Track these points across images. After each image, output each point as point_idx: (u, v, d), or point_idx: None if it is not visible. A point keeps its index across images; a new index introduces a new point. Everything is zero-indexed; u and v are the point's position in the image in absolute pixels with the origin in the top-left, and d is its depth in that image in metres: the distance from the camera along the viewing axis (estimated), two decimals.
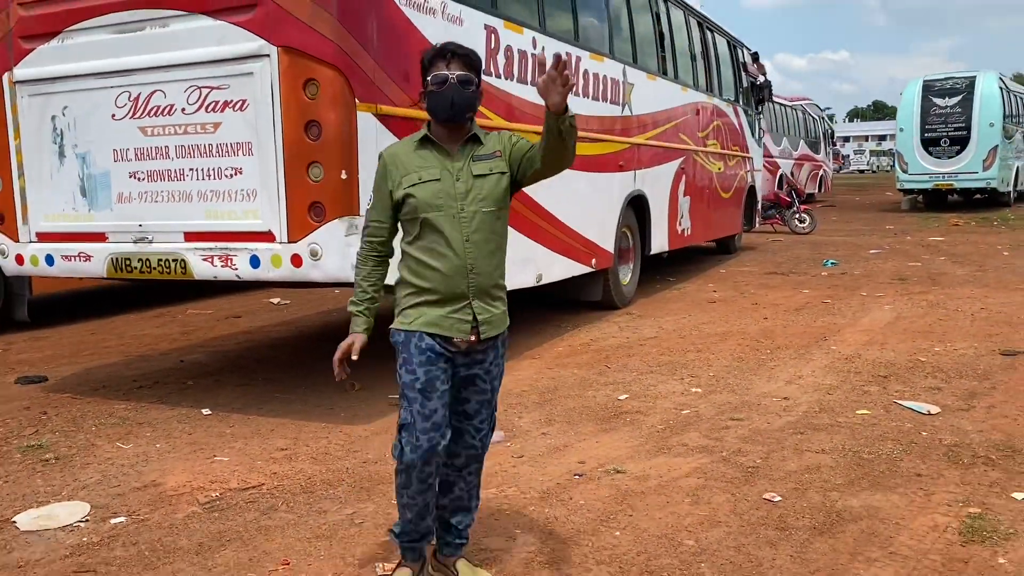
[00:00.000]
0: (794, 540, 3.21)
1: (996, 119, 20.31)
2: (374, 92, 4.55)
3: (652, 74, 8.70)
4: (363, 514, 3.52)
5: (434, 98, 2.61)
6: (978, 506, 3.46)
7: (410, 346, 2.63)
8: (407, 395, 2.63)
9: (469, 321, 2.63)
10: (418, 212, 2.60)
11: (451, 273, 2.60)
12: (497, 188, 2.66)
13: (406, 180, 2.62)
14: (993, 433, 4.35)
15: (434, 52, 2.65)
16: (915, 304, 8.17)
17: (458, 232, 2.59)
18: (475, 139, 2.69)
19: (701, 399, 5.13)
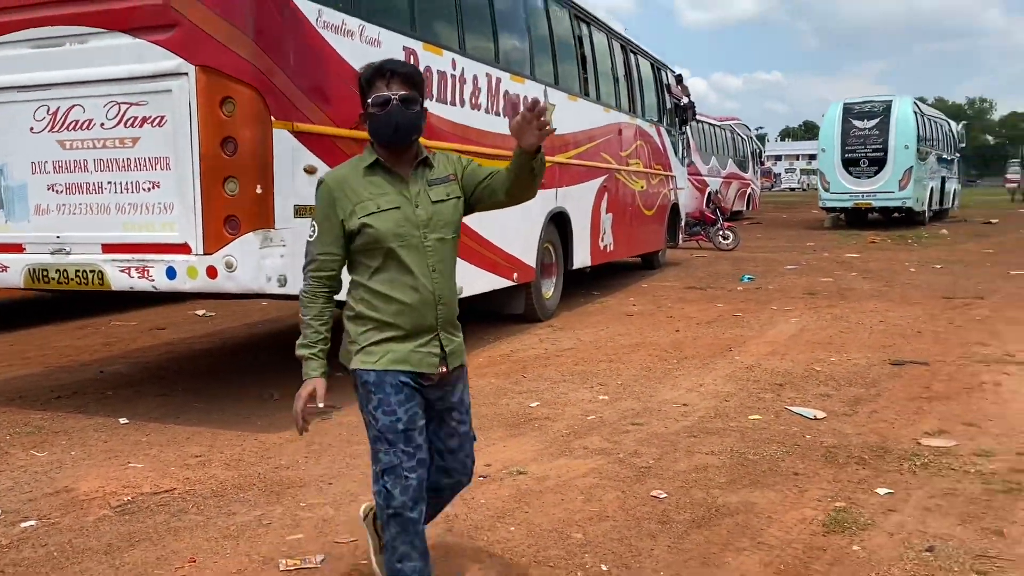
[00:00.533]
0: (673, 532, 3.47)
1: (911, 141, 21.30)
2: (290, 110, 4.72)
3: (574, 95, 9.02)
4: (271, 516, 3.67)
5: (376, 121, 2.44)
6: (844, 501, 3.77)
7: (385, 386, 2.47)
8: (387, 438, 2.47)
9: (438, 353, 2.52)
10: (380, 243, 2.43)
11: (419, 306, 2.46)
12: (455, 214, 2.55)
13: (360, 209, 2.43)
14: (870, 436, 4.70)
15: (372, 71, 2.47)
16: (820, 317, 8.61)
17: (423, 262, 2.46)
18: (425, 162, 2.55)
19: (607, 406, 5.39)
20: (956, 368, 6.25)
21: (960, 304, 9.30)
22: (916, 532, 3.42)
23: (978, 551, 3.23)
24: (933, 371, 6.17)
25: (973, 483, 3.95)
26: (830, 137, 22.25)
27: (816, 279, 11.89)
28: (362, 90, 2.49)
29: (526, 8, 8.03)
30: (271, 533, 3.49)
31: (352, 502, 3.82)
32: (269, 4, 4.58)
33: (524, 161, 2.45)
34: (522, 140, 2.41)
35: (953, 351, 6.84)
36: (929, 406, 5.26)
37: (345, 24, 5.15)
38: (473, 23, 6.98)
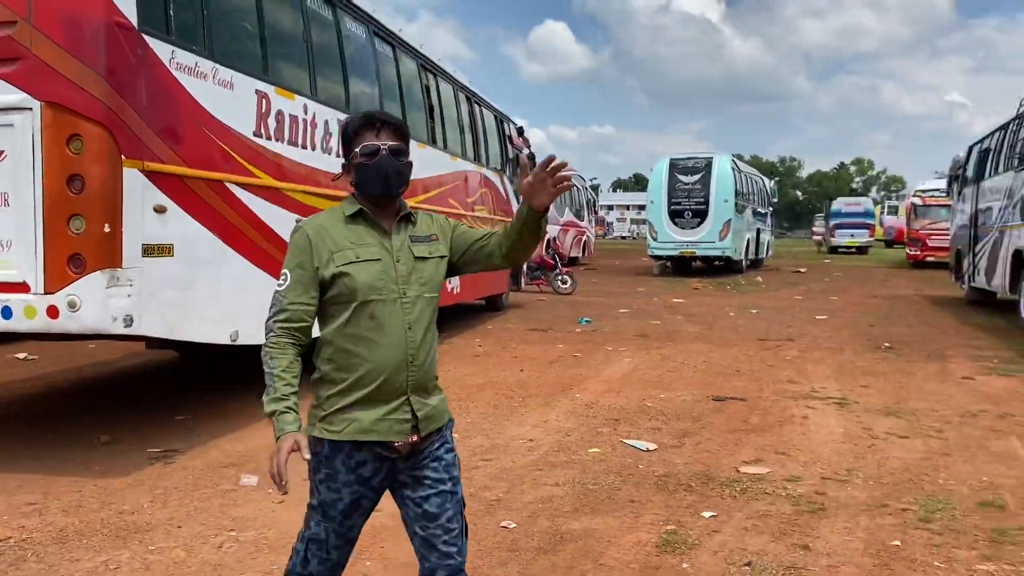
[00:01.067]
0: (522, 559, 3.69)
1: (730, 196, 23.05)
2: (141, 149, 4.68)
3: (422, 143, 9.29)
4: (119, 560, 3.59)
5: (364, 171, 2.35)
6: (674, 524, 4.13)
7: (335, 463, 2.33)
8: (325, 511, 2.37)
9: (408, 420, 2.33)
10: (355, 296, 2.30)
11: (387, 366, 2.30)
12: (437, 273, 2.43)
13: (339, 257, 2.31)
14: (696, 465, 5.14)
15: (361, 122, 2.40)
16: (651, 357, 9.21)
17: (399, 319, 2.32)
18: (408, 217, 2.44)
19: (458, 443, 5.51)
20: (770, 403, 6.89)
21: (773, 346, 10.20)
22: (736, 549, 3.81)
23: (788, 564, 3.65)
24: (750, 406, 6.78)
25: (784, 505, 4.42)
26: (658, 190, 23.68)
27: (647, 322, 12.63)
28: (346, 140, 2.40)
29: (376, 57, 8.25)
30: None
31: (203, 544, 3.80)
32: (122, 43, 4.55)
33: (531, 221, 2.36)
34: (535, 199, 2.31)
35: (767, 388, 7.53)
36: (747, 437, 5.79)
37: (198, 66, 5.17)
38: (324, 69, 7.12)
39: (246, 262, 5.80)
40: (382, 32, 8.43)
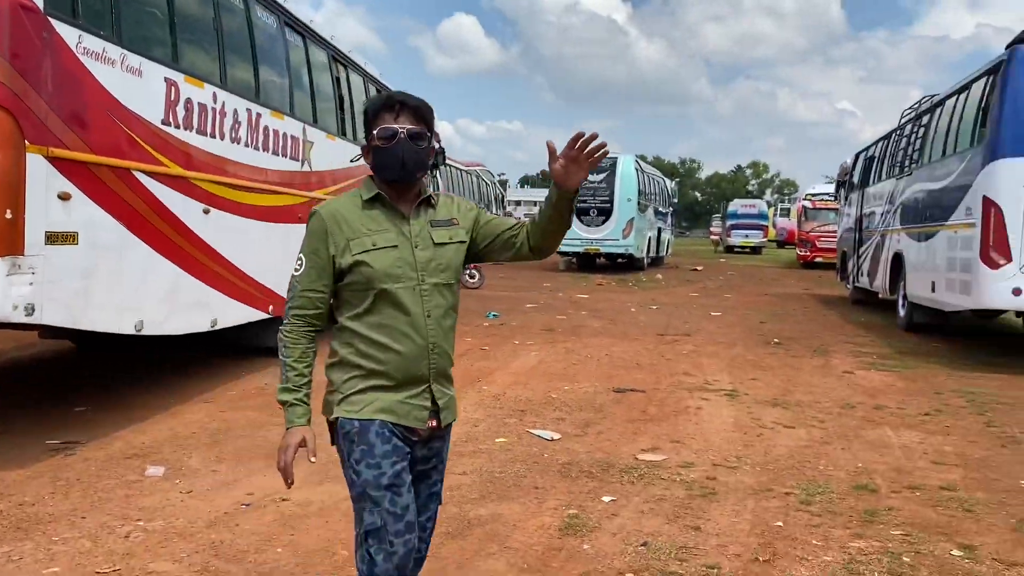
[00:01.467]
0: (432, 544, 3.81)
1: (633, 195, 23.66)
2: (45, 135, 4.58)
3: (332, 134, 9.27)
4: (21, 551, 3.55)
5: (381, 155, 2.32)
6: (576, 508, 4.34)
7: (369, 436, 2.27)
8: (370, 495, 2.26)
9: (428, 407, 2.35)
10: (373, 283, 2.26)
11: (411, 354, 2.29)
12: (457, 258, 2.39)
13: (356, 244, 2.28)
14: (597, 453, 5.38)
15: (380, 103, 2.35)
16: (556, 351, 9.47)
17: (419, 306, 2.29)
18: (428, 201, 2.40)
19: None
20: (667, 395, 7.23)
21: (671, 340, 10.62)
22: (633, 531, 4.04)
23: (681, 544, 3.90)
24: (649, 397, 7.09)
25: (678, 489, 4.70)
26: None
27: (553, 317, 12.92)
28: (367, 121, 2.36)
29: (287, 47, 8.20)
30: (23, 569, 3.39)
31: (110, 534, 3.79)
32: (27, 26, 4.44)
33: (563, 203, 2.33)
34: (569, 179, 2.27)
35: (665, 380, 7.88)
36: (645, 427, 6.08)
37: (106, 52, 5.07)
38: (235, 58, 7.04)
39: (152, 251, 5.72)
40: (293, 22, 8.38)
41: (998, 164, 8.78)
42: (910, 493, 4.73)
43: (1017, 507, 4.54)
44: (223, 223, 6.73)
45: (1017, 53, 8.88)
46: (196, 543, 3.72)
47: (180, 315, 6.26)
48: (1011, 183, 8.66)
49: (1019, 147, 8.66)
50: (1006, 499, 4.67)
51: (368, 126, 2.36)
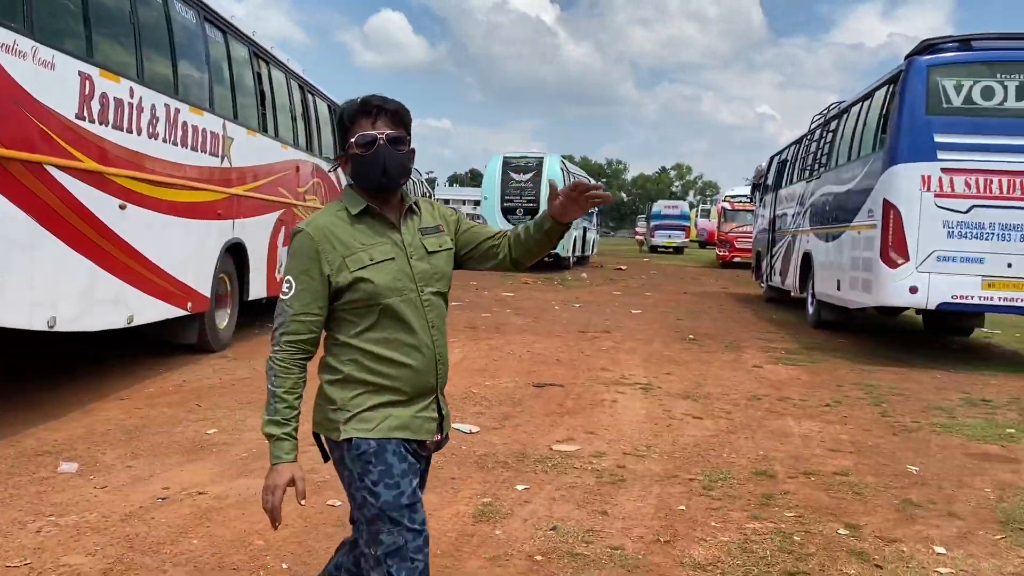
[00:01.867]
0: (347, 532, 3.91)
1: None
2: None
3: (252, 130, 9.22)
4: None
5: (361, 163, 2.22)
6: (491, 497, 4.49)
7: (387, 455, 2.20)
8: (390, 516, 2.19)
9: (436, 418, 2.31)
10: (377, 299, 2.18)
11: (422, 367, 2.25)
12: (448, 266, 2.37)
13: (352, 261, 2.19)
14: (514, 445, 5.54)
15: (356, 109, 2.25)
16: (479, 348, 9.61)
17: (422, 318, 2.25)
18: (412, 209, 2.34)
19: None
20: (584, 389, 7.44)
21: (592, 337, 10.88)
22: (544, 517, 4.21)
23: (588, 527, 4.09)
24: (566, 391, 7.30)
25: (589, 477, 4.89)
26: (491, 187, 24.29)
27: (477, 315, 13.06)
28: (342, 128, 2.27)
29: (206, 42, 8.13)
30: None
31: (21, 529, 3.78)
32: None
33: (556, 233, 2.34)
34: (566, 215, 2.28)
35: (583, 375, 8.10)
36: (561, 420, 6.27)
37: (17, 44, 4.99)
38: (152, 53, 6.97)
39: (66, 246, 5.64)
40: (213, 17, 8.31)
41: (897, 168, 9.29)
42: (805, 478, 5.03)
43: (901, 489, 4.88)
44: (140, 219, 6.66)
45: (914, 64, 9.40)
46: (110, 536, 3.74)
47: (95, 312, 6.19)
48: (909, 186, 9.17)
49: (916, 153, 9.18)
50: (892, 482, 5.01)
51: (344, 134, 2.26)
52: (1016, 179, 8.98)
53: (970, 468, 5.39)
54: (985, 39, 9.47)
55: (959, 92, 9.22)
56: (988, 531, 4.25)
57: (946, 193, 9.09)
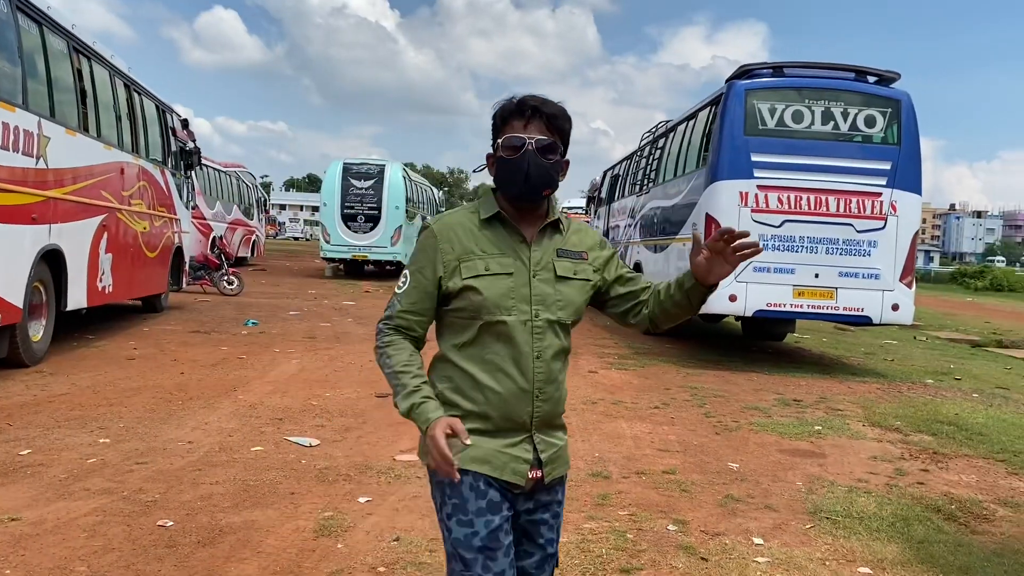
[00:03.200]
0: (180, 553, 3.76)
1: (401, 203, 23.90)
2: None
3: (72, 130, 8.63)
4: None
5: (504, 167, 2.06)
6: (332, 510, 4.43)
7: (462, 488, 2.04)
8: (461, 555, 2.04)
9: (528, 459, 2.09)
10: (480, 313, 2.04)
11: (511, 397, 2.05)
12: (579, 297, 2.13)
13: (467, 268, 2.05)
14: (356, 457, 5.48)
15: (512, 108, 2.08)
16: (319, 358, 9.42)
17: (528, 345, 2.05)
18: (556, 226, 2.15)
19: (109, 448, 5.37)
20: None
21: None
22: (387, 528, 4.21)
23: (432, 536, 4.11)
24: None
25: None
26: (331, 193, 23.85)
27: (316, 324, 12.79)
28: (495, 127, 2.11)
29: (19, 33, 7.54)
30: None
31: None
32: None
33: (698, 297, 2.11)
34: (710, 274, 2.06)
35: None
36: (404, 430, 6.26)
37: None
38: None
39: None
40: (26, 6, 7.72)
41: (718, 185, 9.94)
42: (637, 478, 5.29)
43: (723, 485, 5.23)
44: None
45: (734, 88, 10.10)
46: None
47: None
48: (728, 202, 9.84)
49: (735, 171, 9.85)
50: (715, 479, 5.36)
51: (495, 133, 2.12)
52: (822, 196, 9.83)
53: (783, 464, 5.85)
54: (796, 67, 10.32)
55: (773, 115, 9.99)
56: (799, 521, 4.64)
57: (761, 208, 9.81)
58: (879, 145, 10.02)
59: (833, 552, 4.20)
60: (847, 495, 5.16)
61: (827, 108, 10.02)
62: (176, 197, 13.33)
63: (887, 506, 4.97)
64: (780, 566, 3.98)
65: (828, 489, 5.28)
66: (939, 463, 6.14)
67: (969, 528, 4.71)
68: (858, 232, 9.89)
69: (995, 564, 4.15)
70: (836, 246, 9.89)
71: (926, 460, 6.21)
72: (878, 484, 5.48)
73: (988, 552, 4.32)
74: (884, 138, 10.06)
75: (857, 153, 9.97)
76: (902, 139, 9.98)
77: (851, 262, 9.88)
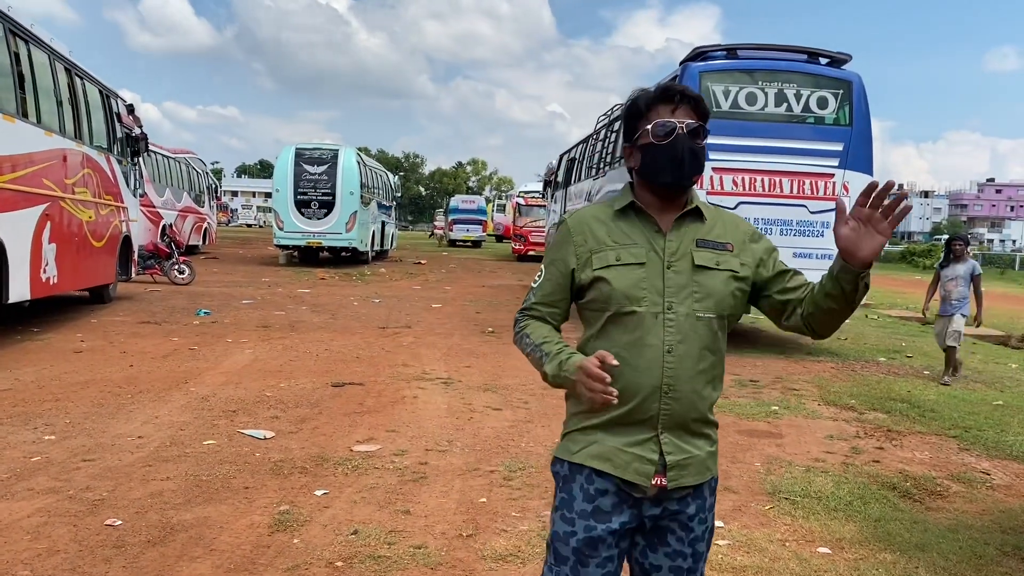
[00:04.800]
0: (129, 554, 3.63)
1: (355, 188, 23.57)
2: None
3: (10, 116, 8.31)
4: None
5: (654, 154, 1.99)
6: (288, 504, 4.33)
7: (573, 486, 2.00)
8: (556, 549, 2.00)
9: (653, 461, 1.95)
10: (609, 304, 1.97)
11: (635, 391, 1.93)
12: (724, 289, 1.99)
13: (598, 259, 2.00)
14: (312, 448, 5.38)
15: (656, 95, 2.03)
16: (273, 348, 9.25)
17: (658, 337, 1.94)
18: (697, 215, 2.05)
19: (54, 445, 5.19)
20: (385, 386, 7.37)
21: (392, 333, 10.80)
22: (345, 521, 4.12)
23: (391, 528, 4.05)
24: (367, 390, 7.19)
25: (391, 477, 4.84)
26: (283, 179, 23.41)
27: (270, 313, 12.57)
28: (635, 115, 2.05)
29: None
30: None
31: None
32: None
33: (849, 281, 1.88)
34: (860, 246, 1.84)
35: (384, 372, 8.02)
36: (362, 419, 6.17)
37: None
38: None
39: None
40: None
41: None
42: None
43: None
44: None
45: (688, 69, 10.10)
46: None
47: None
48: None
49: None
50: None
51: (635, 122, 2.05)
52: (776, 178, 9.90)
53: (742, 445, 5.88)
54: (749, 48, 10.35)
55: (727, 97, 10.02)
56: (759, 503, 4.66)
57: (716, 191, 9.84)
58: (831, 127, 10.12)
59: (792, 533, 4.23)
60: (805, 475, 5.20)
61: (780, 90, 10.08)
62: (123, 185, 12.96)
63: (844, 485, 5.02)
64: (741, 548, 3.98)
65: (786, 469, 5.32)
66: (893, 440, 6.23)
67: (924, 505, 4.78)
68: (811, 213, 9.99)
69: (950, 540, 4.21)
70: (790, 227, 9.98)
71: (881, 438, 6.29)
72: (835, 463, 5.54)
73: (943, 528, 4.39)
74: (836, 119, 10.15)
75: (810, 135, 10.06)
76: (853, 120, 10.09)
77: (805, 243, 9.97)
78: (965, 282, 8.71)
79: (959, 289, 8.70)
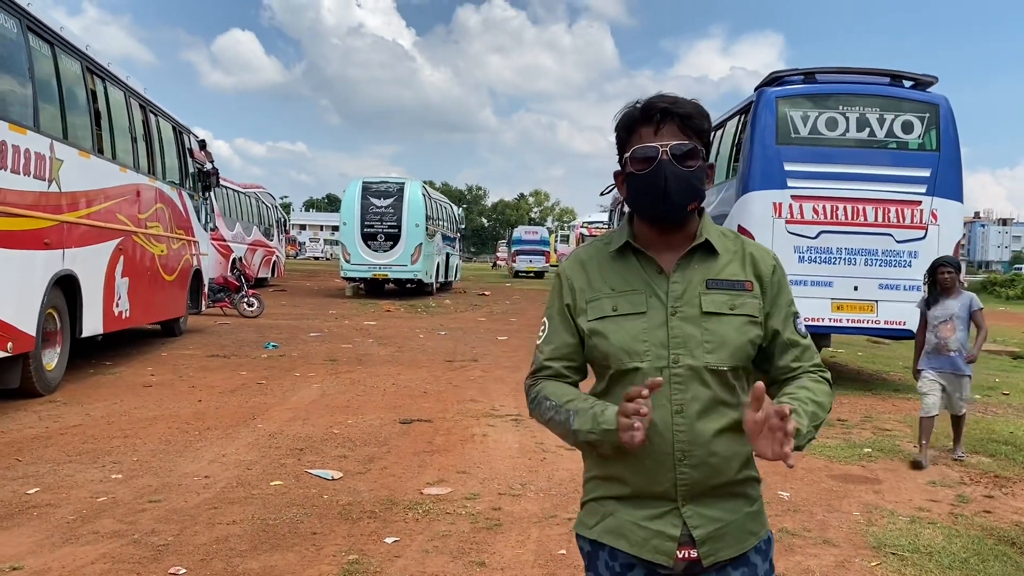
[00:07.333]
0: None
1: (420, 220, 23.65)
2: None
3: (86, 152, 8.43)
4: None
5: (636, 184, 1.73)
6: (357, 553, 4.11)
7: (597, 564, 1.77)
8: None
9: (675, 536, 1.69)
10: (608, 361, 1.72)
11: (649, 462, 1.68)
12: (740, 338, 1.71)
13: (593, 308, 1.75)
14: (381, 491, 5.16)
15: (636, 115, 1.74)
16: (340, 382, 9.13)
17: (665, 397, 1.67)
18: (708, 249, 1.77)
19: (121, 484, 5.09)
20: (454, 423, 7.14)
21: (459, 366, 10.60)
22: (417, 573, 3.88)
23: None
24: (435, 427, 6.97)
25: (463, 523, 4.59)
26: (351, 212, 23.64)
27: (337, 346, 12.52)
28: (619, 140, 1.79)
29: (30, 55, 7.35)
30: None
31: None
32: None
33: None
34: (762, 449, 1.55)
35: (452, 408, 7.80)
36: (431, 459, 5.94)
37: None
38: None
39: None
40: (37, 27, 7.54)
41: (750, 196, 9.57)
42: None
43: (776, 517, 4.84)
44: None
45: (763, 96, 9.75)
46: None
47: None
48: (761, 213, 9.46)
49: (767, 181, 9.49)
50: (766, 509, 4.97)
51: (621, 147, 1.79)
52: (859, 206, 9.44)
53: (837, 491, 5.46)
54: (828, 72, 9.96)
55: (805, 123, 9.63)
56: (863, 558, 4.26)
57: (796, 219, 9.43)
58: (917, 152, 9.62)
59: None
60: (910, 526, 4.78)
61: (862, 114, 9.64)
62: (194, 219, 13.14)
63: (956, 539, 4.58)
64: None
65: (888, 519, 4.90)
66: (1003, 488, 5.73)
67: None
68: (898, 242, 9.49)
69: None
70: (875, 257, 9.48)
71: (988, 484, 5.80)
72: (941, 513, 5.09)
73: None
74: (922, 144, 9.65)
75: (894, 160, 9.58)
76: (941, 145, 9.58)
77: (891, 273, 9.46)
78: (963, 322, 6.46)
79: (957, 334, 6.42)
